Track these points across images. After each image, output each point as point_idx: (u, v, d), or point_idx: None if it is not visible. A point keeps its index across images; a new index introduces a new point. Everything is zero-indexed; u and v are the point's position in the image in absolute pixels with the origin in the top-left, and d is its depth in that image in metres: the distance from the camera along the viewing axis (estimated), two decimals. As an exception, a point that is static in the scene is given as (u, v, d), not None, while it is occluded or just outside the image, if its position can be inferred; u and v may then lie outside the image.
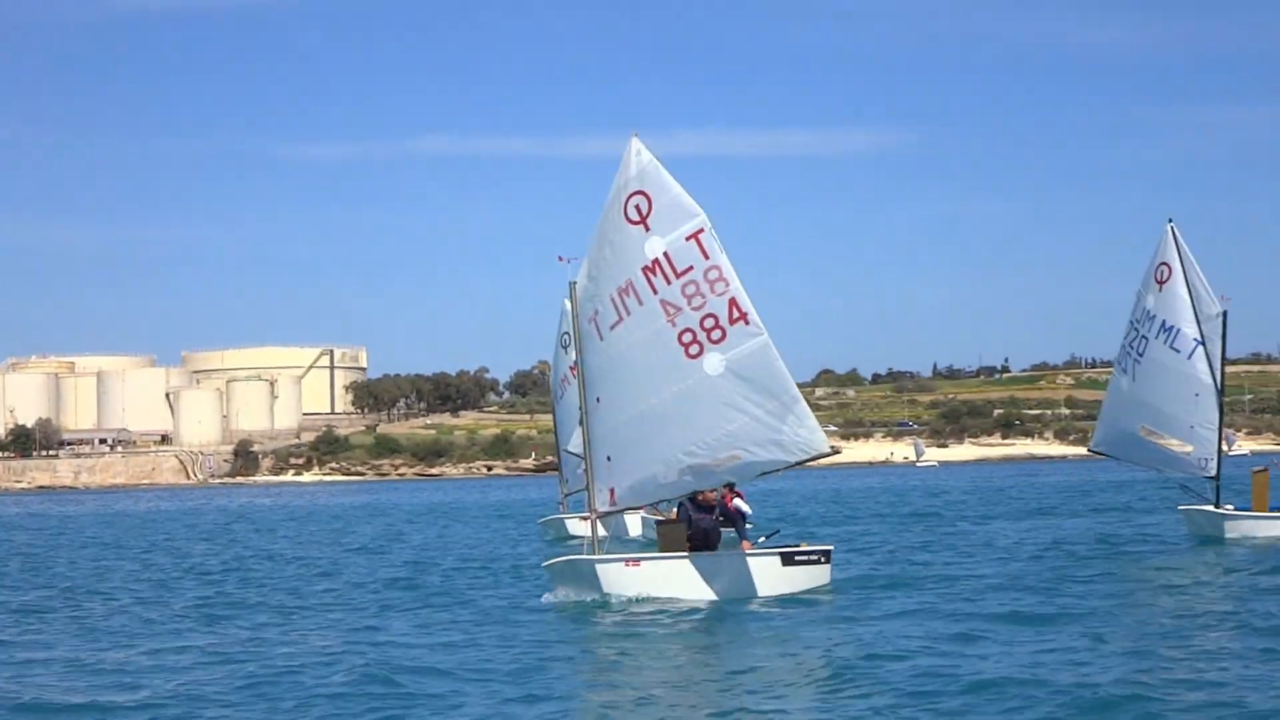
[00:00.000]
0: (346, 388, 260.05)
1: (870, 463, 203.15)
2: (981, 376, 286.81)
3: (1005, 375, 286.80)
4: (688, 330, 26.52)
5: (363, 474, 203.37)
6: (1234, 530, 37.14)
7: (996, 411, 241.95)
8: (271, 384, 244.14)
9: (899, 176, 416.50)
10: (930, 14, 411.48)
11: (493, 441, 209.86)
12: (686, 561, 26.91)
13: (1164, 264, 38.89)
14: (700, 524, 27.21)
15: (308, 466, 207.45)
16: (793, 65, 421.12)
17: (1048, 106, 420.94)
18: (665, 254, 26.60)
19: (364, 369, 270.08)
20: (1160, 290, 38.87)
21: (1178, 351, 38.51)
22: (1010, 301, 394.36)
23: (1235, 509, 38.03)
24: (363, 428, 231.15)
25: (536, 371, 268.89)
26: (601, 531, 46.47)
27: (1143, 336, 39.14)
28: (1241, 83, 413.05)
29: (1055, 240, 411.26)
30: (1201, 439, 38.33)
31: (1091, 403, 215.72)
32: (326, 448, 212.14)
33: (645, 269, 26.71)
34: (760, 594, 26.78)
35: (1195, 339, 38.40)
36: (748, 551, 27.51)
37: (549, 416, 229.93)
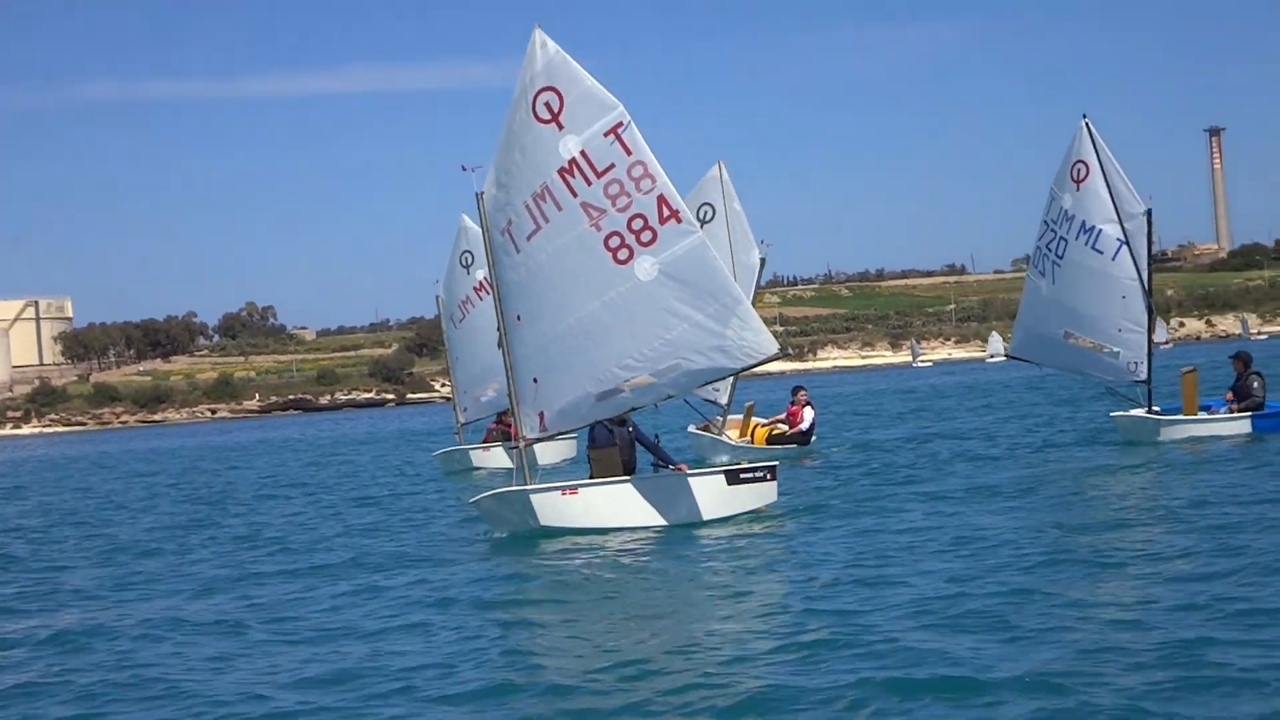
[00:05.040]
0: (55, 338, 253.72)
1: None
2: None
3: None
4: (614, 234, 24.17)
5: (84, 424, 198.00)
6: (1170, 434, 35.52)
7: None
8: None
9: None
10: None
11: (214, 385, 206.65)
12: (628, 486, 24.97)
13: (1080, 162, 37.02)
14: (621, 445, 25.42)
15: (26, 419, 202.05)
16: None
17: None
18: (583, 153, 24.19)
19: (70, 319, 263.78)
20: (1078, 190, 37.01)
21: (1100, 252, 36.74)
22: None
23: (1162, 412, 36.37)
24: (75, 377, 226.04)
25: (244, 313, 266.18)
26: (507, 462, 45.25)
27: (1061, 238, 37.31)
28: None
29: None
30: (1130, 341, 36.67)
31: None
32: (44, 399, 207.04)
33: (562, 170, 24.27)
34: (706, 516, 24.98)
35: (1119, 239, 36.62)
36: (689, 472, 25.60)
37: (264, 358, 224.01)
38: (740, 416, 41.81)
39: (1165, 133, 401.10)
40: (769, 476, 25.53)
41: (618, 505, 24.72)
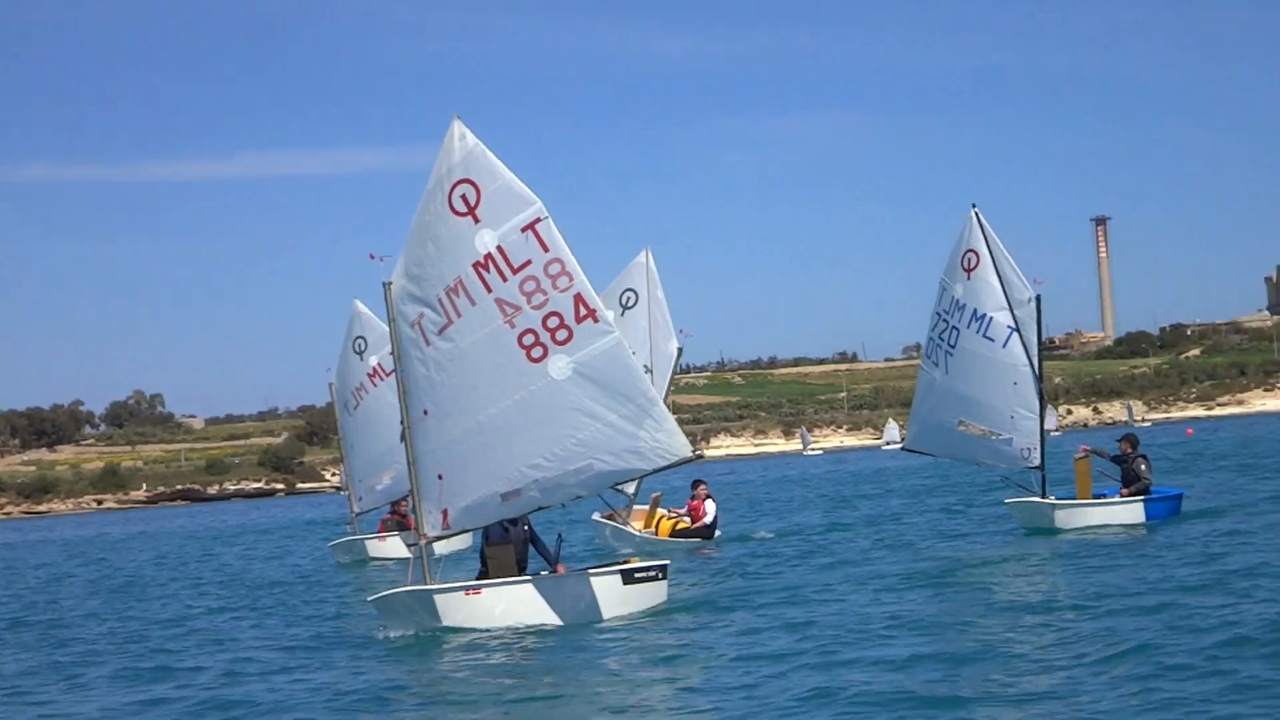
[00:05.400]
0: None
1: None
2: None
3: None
4: (529, 331, 24.06)
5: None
6: (1066, 520, 35.94)
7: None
8: None
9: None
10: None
11: (101, 475, 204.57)
12: (529, 586, 24.69)
13: (971, 251, 37.53)
14: (516, 543, 25.21)
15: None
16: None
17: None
18: (499, 248, 24.07)
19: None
20: (969, 278, 37.51)
21: (992, 340, 37.27)
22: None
23: (1058, 499, 36.93)
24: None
25: (132, 401, 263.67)
26: (403, 552, 44.87)
27: (953, 327, 37.80)
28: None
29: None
30: (1023, 428, 37.16)
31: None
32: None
33: (477, 265, 24.12)
34: (605, 615, 24.74)
35: (1009, 326, 37.22)
36: (590, 570, 25.50)
37: (153, 447, 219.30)
38: (646, 507, 41.66)
39: (1053, 221, 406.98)
40: (660, 576, 25.36)
41: (519, 605, 24.41)
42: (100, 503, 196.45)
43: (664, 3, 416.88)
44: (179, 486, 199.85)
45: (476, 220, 24.26)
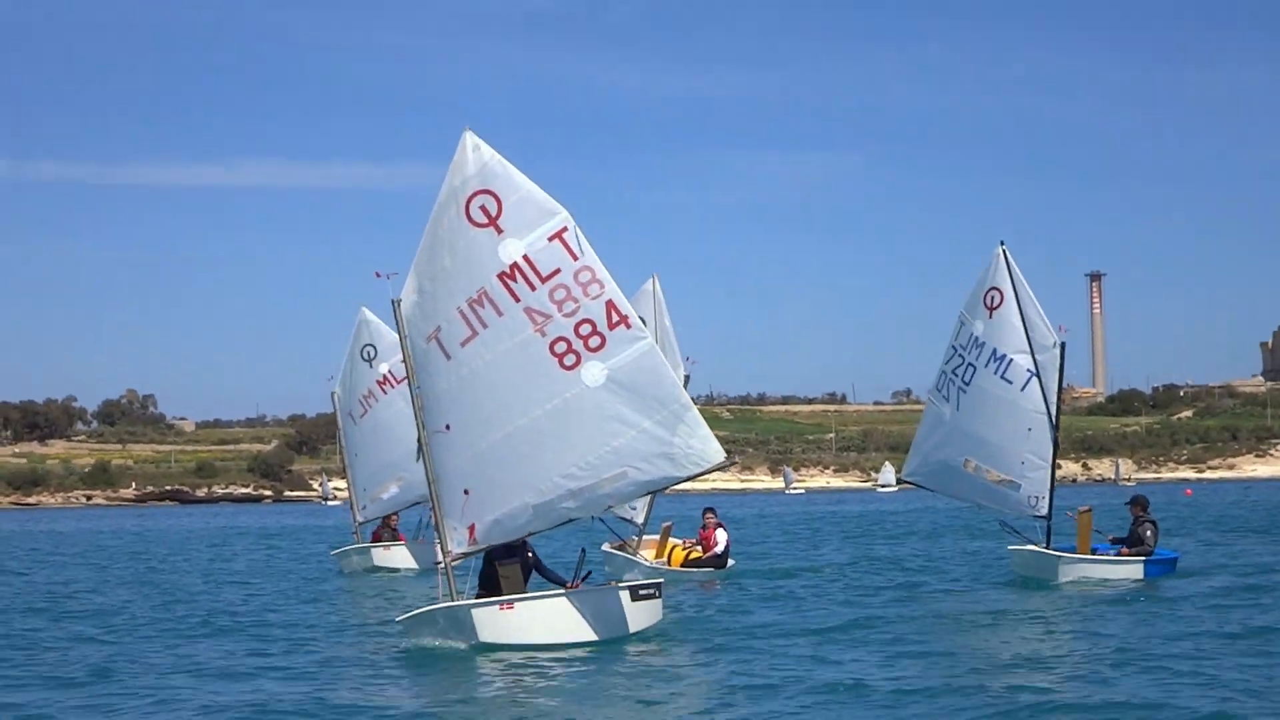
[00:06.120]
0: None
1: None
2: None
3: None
4: (560, 339, 23.58)
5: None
6: (1068, 574, 35.12)
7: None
8: None
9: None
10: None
11: (91, 470, 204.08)
12: (564, 599, 24.18)
13: (995, 289, 36.63)
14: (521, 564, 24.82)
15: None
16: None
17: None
18: (525, 257, 23.62)
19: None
20: (990, 317, 36.61)
21: (1010, 382, 36.32)
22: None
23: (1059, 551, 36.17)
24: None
25: (124, 400, 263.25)
26: (410, 562, 44.51)
27: (969, 364, 36.83)
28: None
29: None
30: (1033, 476, 36.26)
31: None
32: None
33: (502, 275, 23.66)
34: (631, 630, 24.45)
35: (1029, 370, 36.29)
36: (614, 586, 25.12)
37: (143, 446, 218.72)
38: (657, 537, 41.03)
39: (1047, 275, 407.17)
40: (657, 594, 25.04)
41: (553, 619, 24.03)
42: (89, 498, 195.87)
43: (665, 39, 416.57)
44: (168, 487, 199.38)
45: (500, 231, 23.86)
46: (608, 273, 23.88)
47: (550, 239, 23.80)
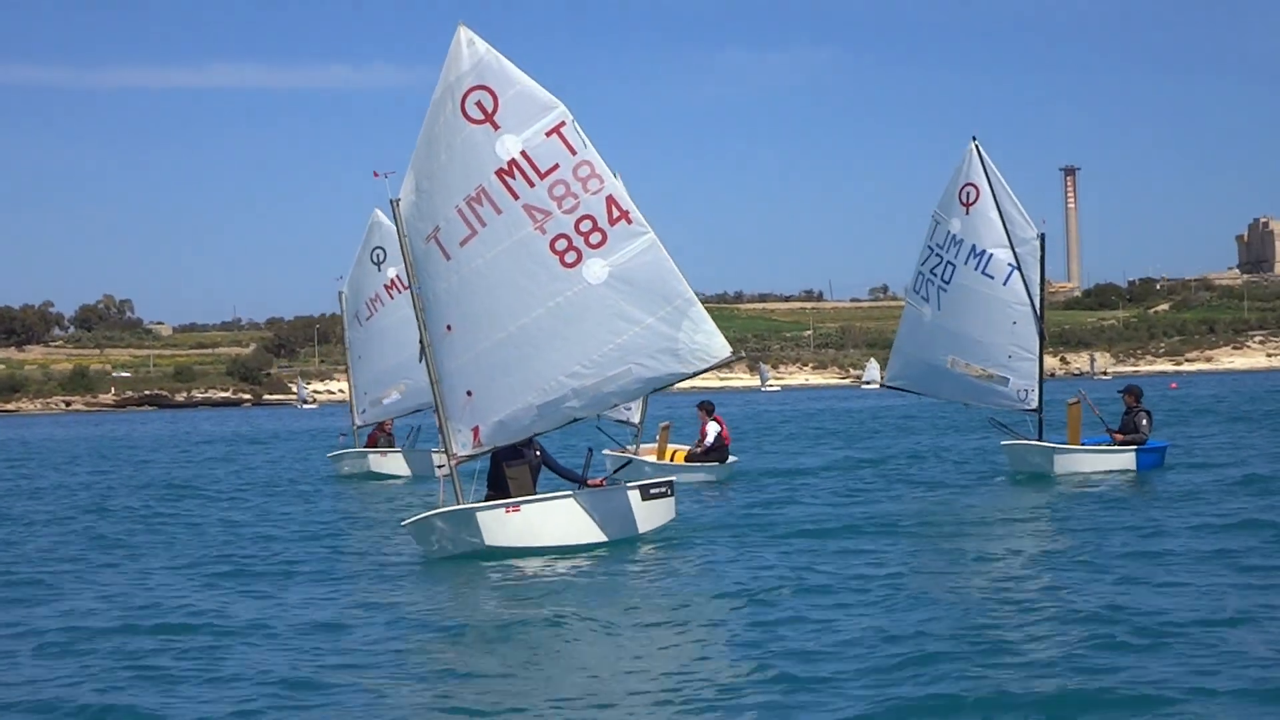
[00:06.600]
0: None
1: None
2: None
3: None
4: (561, 236, 23.17)
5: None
6: (1063, 465, 35.28)
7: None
8: None
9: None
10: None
11: (70, 376, 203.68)
12: (571, 500, 23.98)
13: (970, 185, 36.46)
14: (531, 464, 24.42)
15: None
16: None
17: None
18: (523, 153, 23.15)
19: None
20: (967, 213, 36.46)
21: (991, 277, 36.28)
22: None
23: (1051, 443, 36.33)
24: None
25: (101, 306, 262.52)
26: (406, 469, 44.44)
27: (948, 263, 36.68)
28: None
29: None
30: (1021, 368, 36.50)
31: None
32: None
33: (500, 172, 23.19)
34: (641, 530, 24.39)
35: (1010, 264, 36.25)
36: (624, 485, 24.86)
37: (120, 351, 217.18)
38: (655, 444, 40.29)
39: (1020, 169, 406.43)
40: (670, 492, 24.97)
41: (562, 520, 23.81)
42: (68, 404, 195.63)
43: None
44: (147, 392, 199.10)
45: (496, 127, 23.37)
46: (607, 168, 23.46)
47: (548, 134, 23.35)
